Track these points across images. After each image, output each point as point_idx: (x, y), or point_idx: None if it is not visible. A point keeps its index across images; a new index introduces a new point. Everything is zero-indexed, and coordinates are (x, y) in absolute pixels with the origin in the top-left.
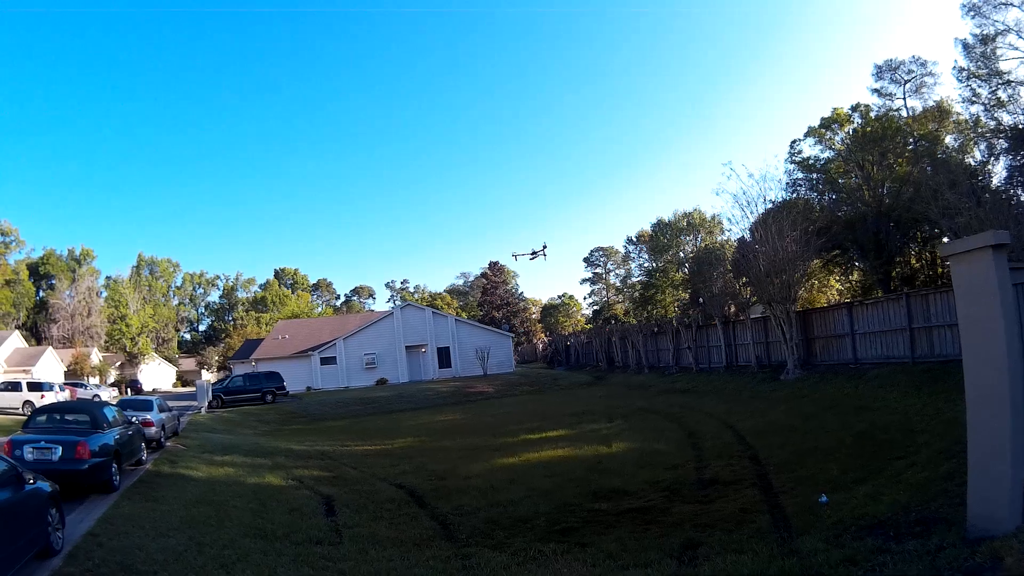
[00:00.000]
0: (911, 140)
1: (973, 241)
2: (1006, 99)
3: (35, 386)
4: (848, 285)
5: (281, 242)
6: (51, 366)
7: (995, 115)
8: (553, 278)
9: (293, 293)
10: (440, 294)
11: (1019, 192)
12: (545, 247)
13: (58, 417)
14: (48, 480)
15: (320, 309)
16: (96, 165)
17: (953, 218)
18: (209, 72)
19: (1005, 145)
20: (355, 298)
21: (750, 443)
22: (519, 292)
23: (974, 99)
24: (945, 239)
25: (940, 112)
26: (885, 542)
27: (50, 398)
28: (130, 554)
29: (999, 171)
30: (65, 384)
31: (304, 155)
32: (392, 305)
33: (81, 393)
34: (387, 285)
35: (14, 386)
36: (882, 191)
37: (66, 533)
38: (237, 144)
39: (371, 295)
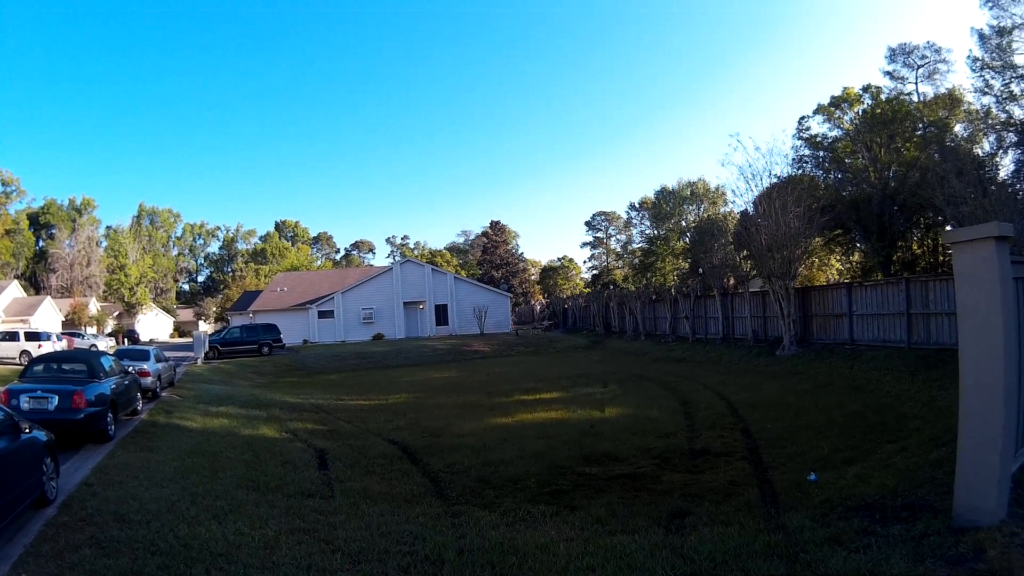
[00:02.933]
0: (920, 125)
1: (977, 231)
2: (1019, 93)
3: (32, 336)
4: (848, 266)
5: (283, 194)
6: (49, 316)
7: (1006, 108)
8: (553, 240)
9: (293, 246)
10: (440, 251)
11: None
12: None
13: (55, 367)
14: (44, 429)
15: (320, 262)
16: (98, 114)
17: (958, 207)
18: (212, 20)
19: (1014, 139)
20: (355, 252)
21: (743, 416)
22: (519, 253)
23: (986, 90)
24: (948, 227)
25: (951, 100)
26: (871, 524)
27: (47, 348)
28: (124, 504)
29: (1007, 164)
30: (62, 334)
31: (308, 107)
32: (392, 261)
33: (78, 343)
34: (387, 240)
35: (11, 336)
36: (888, 174)
37: (61, 482)
38: (240, 95)
39: (371, 250)
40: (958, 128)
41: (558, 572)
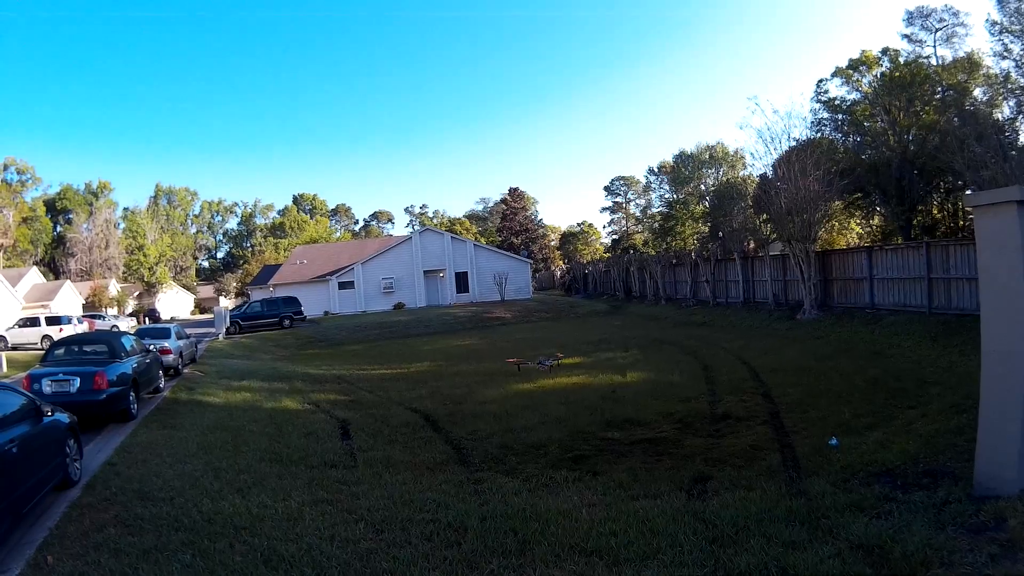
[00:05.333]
0: (939, 89)
1: (999, 194)
2: None
3: (53, 320)
4: (868, 230)
5: (300, 168)
6: (69, 299)
7: None
8: (573, 206)
9: (312, 219)
10: (459, 219)
11: None
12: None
13: (76, 349)
14: (67, 412)
15: (339, 234)
16: (112, 98)
17: (978, 171)
18: None
19: None
20: (374, 223)
21: (764, 380)
22: (538, 219)
23: (1005, 54)
24: (968, 191)
25: (970, 64)
26: (892, 490)
27: (68, 331)
28: (147, 482)
29: None
30: (83, 316)
31: (324, 79)
32: (411, 230)
33: (99, 325)
34: (406, 210)
35: (32, 322)
36: (907, 137)
37: (84, 463)
38: (255, 70)
39: (390, 220)
40: (977, 92)
41: (580, 538)
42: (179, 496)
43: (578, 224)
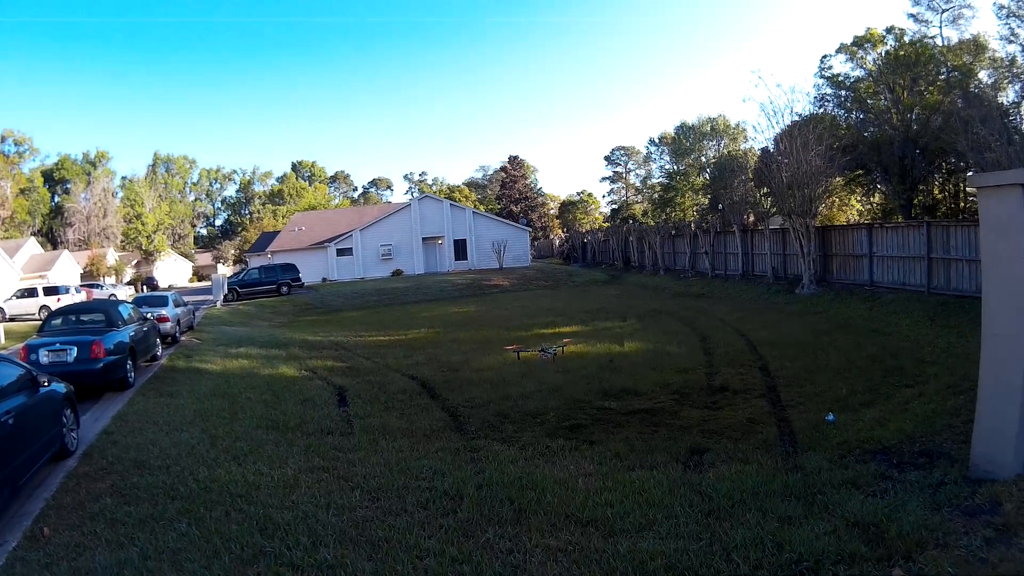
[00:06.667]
0: (944, 70)
1: (1004, 176)
2: None
3: (51, 290)
4: (869, 207)
5: (299, 135)
6: (67, 269)
7: None
8: (572, 175)
9: (310, 186)
10: (458, 187)
11: None
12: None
13: (73, 318)
14: (63, 382)
15: (337, 201)
16: (108, 66)
17: (982, 153)
18: None
19: None
20: (373, 190)
21: (761, 354)
22: (538, 187)
23: (1012, 38)
24: (971, 172)
25: (976, 46)
26: (888, 469)
27: (67, 301)
28: (144, 450)
29: None
30: (81, 286)
31: (322, 45)
32: (410, 197)
33: (97, 294)
34: (405, 177)
35: (30, 292)
36: (911, 116)
37: (82, 433)
38: (253, 36)
39: (389, 187)
40: (982, 75)
41: (576, 508)
42: (175, 464)
43: (577, 193)
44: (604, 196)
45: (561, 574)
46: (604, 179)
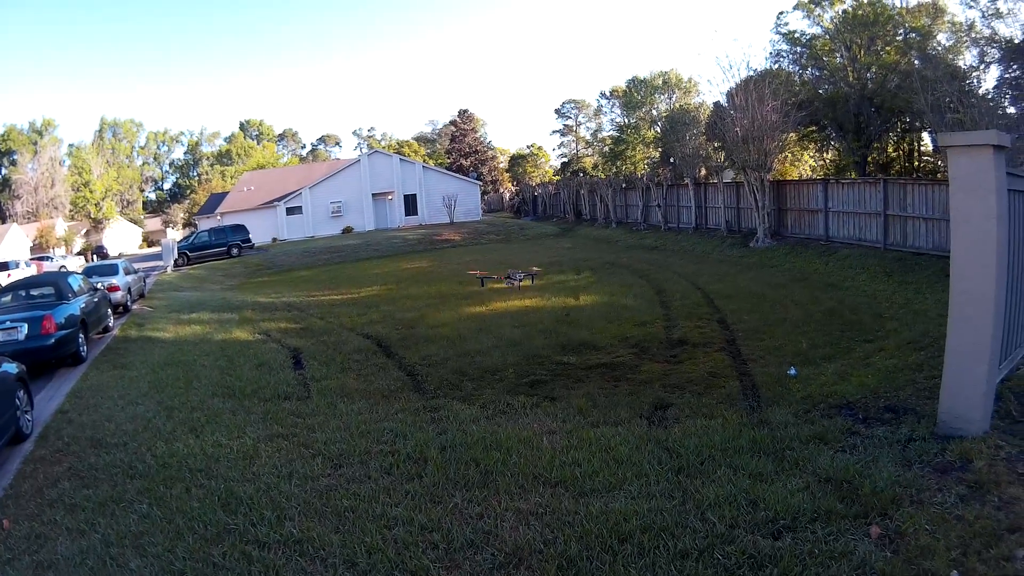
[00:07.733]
0: (902, 31)
1: (976, 137)
2: (1005, 12)
3: (0, 266)
4: (822, 163)
5: (246, 93)
6: (17, 242)
7: (992, 24)
8: (522, 128)
9: (259, 144)
10: (408, 142)
11: (1006, 103)
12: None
13: (23, 294)
14: (14, 362)
15: (286, 159)
16: (52, 30)
17: (943, 113)
18: None
19: (998, 55)
20: (321, 147)
21: (718, 306)
22: (488, 141)
23: (972, 4)
24: (925, 133)
25: (935, 9)
26: (854, 424)
27: (17, 276)
28: (100, 427)
29: (989, 79)
30: (31, 259)
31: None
32: (359, 153)
33: (47, 266)
34: (354, 133)
35: None
36: (867, 75)
37: (36, 413)
38: None
39: (337, 143)
40: (941, 37)
41: (543, 468)
42: (132, 440)
43: (527, 146)
44: (554, 149)
45: (534, 539)
46: (554, 132)
